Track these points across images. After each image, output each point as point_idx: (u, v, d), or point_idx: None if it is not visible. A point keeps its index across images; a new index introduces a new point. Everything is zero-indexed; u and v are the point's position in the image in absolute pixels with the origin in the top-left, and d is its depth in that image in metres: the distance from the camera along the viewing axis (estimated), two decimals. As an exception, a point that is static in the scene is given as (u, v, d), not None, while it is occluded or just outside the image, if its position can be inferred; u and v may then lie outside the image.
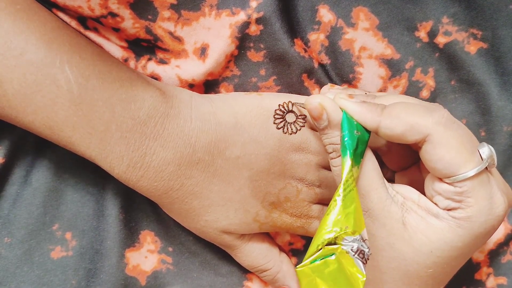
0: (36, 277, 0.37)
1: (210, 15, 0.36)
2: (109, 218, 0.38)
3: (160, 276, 0.39)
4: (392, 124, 0.30)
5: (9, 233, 0.37)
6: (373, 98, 0.34)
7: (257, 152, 0.35)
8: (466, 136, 0.30)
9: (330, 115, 0.32)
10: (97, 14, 0.35)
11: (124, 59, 0.37)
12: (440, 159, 0.30)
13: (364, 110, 0.31)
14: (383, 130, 0.31)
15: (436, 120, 0.30)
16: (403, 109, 0.31)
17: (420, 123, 0.30)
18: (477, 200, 0.30)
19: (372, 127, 0.31)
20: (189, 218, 0.36)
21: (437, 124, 0.30)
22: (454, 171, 0.30)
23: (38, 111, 0.32)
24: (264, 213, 0.36)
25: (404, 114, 0.30)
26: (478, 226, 0.30)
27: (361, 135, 0.31)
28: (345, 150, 0.30)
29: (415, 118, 0.30)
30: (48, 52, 0.32)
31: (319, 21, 0.37)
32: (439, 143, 0.30)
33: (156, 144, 0.34)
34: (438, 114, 0.30)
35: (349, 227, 0.28)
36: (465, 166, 0.30)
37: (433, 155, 0.30)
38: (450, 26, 0.37)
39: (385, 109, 0.31)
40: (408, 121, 0.30)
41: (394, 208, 0.31)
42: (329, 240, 0.28)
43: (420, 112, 0.30)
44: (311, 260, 0.28)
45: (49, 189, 0.38)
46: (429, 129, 0.30)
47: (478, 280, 0.40)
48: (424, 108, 0.31)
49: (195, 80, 0.37)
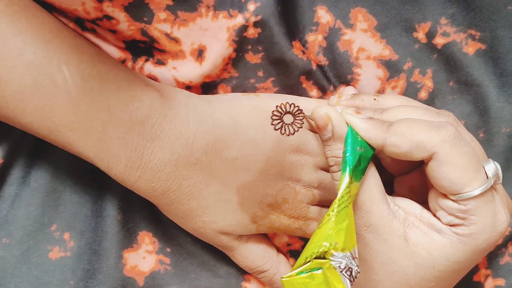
0: (34, 278, 0.37)
1: (207, 16, 0.36)
2: (107, 219, 0.38)
3: (158, 277, 0.39)
4: (397, 142, 0.30)
5: (7, 233, 0.37)
6: (381, 113, 0.33)
7: (255, 153, 0.35)
8: (471, 153, 0.30)
9: (334, 127, 0.32)
10: (93, 16, 0.35)
11: (122, 60, 0.37)
12: (445, 177, 0.30)
13: (370, 127, 0.31)
14: (389, 148, 0.31)
15: (442, 138, 0.30)
16: (409, 126, 0.30)
17: (426, 141, 0.30)
18: (481, 218, 0.30)
19: (377, 145, 0.31)
20: (187, 219, 0.36)
21: (443, 142, 0.30)
22: (459, 189, 0.30)
23: (36, 112, 0.32)
24: (261, 214, 0.36)
25: (410, 132, 0.30)
26: (481, 243, 0.30)
27: (364, 151, 0.31)
28: (345, 166, 0.30)
29: (421, 136, 0.30)
30: (46, 53, 0.32)
31: (317, 22, 0.37)
32: (445, 161, 0.30)
33: (153, 144, 0.34)
34: (444, 132, 0.30)
35: (339, 243, 0.28)
36: (470, 184, 0.29)
37: (439, 173, 0.30)
38: (448, 27, 0.37)
39: (391, 126, 0.31)
40: (414, 139, 0.30)
41: (396, 224, 0.31)
42: (318, 254, 0.28)
43: (426, 129, 0.30)
44: (297, 272, 0.28)
45: (48, 189, 0.38)
46: (435, 148, 0.30)
47: (477, 282, 0.39)
48: (430, 125, 0.30)
49: (192, 82, 0.37)
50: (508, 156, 0.39)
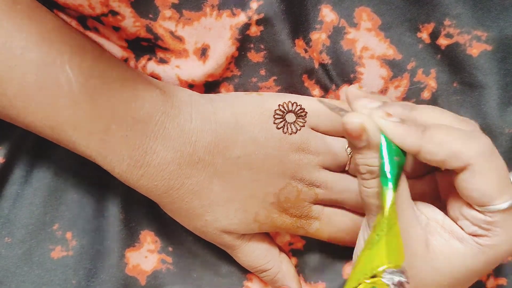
0: (36, 277, 0.37)
1: (212, 15, 0.36)
2: (109, 218, 0.38)
3: (160, 276, 0.39)
4: (435, 150, 0.29)
5: (9, 233, 0.37)
6: (410, 110, 0.32)
7: (257, 152, 0.35)
8: (503, 167, 0.30)
9: (371, 137, 0.29)
10: (98, 12, 0.35)
11: (124, 59, 0.37)
12: (477, 189, 0.29)
13: (405, 133, 0.29)
14: (424, 155, 0.30)
15: (479, 150, 0.29)
16: (446, 135, 0.30)
17: (464, 152, 0.29)
18: (505, 230, 0.30)
19: (412, 151, 0.30)
20: (189, 218, 0.36)
21: (480, 154, 0.29)
22: (489, 201, 0.29)
23: (39, 110, 0.32)
24: (264, 213, 0.36)
25: (447, 141, 0.29)
26: (501, 254, 0.30)
27: (399, 160, 0.29)
28: (387, 180, 0.28)
29: (459, 146, 0.29)
30: (49, 52, 0.32)
31: (321, 21, 0.37)
32: (479, 173, 0.29)
33: (156, 143, 0.34)
34: (480, 143, 0.29)
35: (391, 261, 0.27)
36: (499, 197, 0.29)
37: (471, 183, 0.29)
38: (452, 28, 0.37)
39: (426, 132, 0.30)
40: (451, 148, 0.29)
41: (419, 230, 0.31)
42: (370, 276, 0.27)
43: (463, 139, 0.30)
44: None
45: (50, 189, 0.38)
46: (471, 159, 0.29)
47: (478, 281, 0.39)
48: (466, 136, 0.30)
49: (195, 81, 0.37)
50: (511, 156, 0.39)
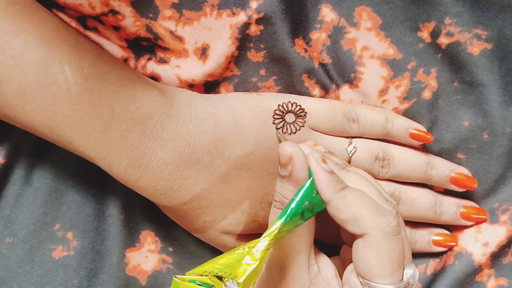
0: (38, 277, 0.37)
1: (212, 15, 0.36)
2: (110, 218, 0.38)
3: (160, 276, 0.39)
4: (341, 207, 0.30)
5: (10, 233, 0.37)
6: (341, 169, 0.34)
7: (256, 152, 0.35)
8: (398, 252, 0.30)
9: (294, 170, 0.31)
10: (98, 12, 0.35)
11: (124, 59, 0.37)
12: (364, 259, 0.30)
13: (325, 181, 0.31)
14: (331, 209, 0.31)
15: (379, 225, 0.30)
16: (358, 199, 0.31)
17: (365, 220, 0.30)
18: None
19: (324, 200, 0.31)
20: (188, 219, 0.36)
21: (378, 229, 0.30)
22: (371, 277, 0.30)
23: (38, 110, 0.32)
24: (263, 213, 0.36)
25: (355, 204, 0.30)
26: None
27: (311, 207, 0.30)
28: (283, 214, 0.30)
29: (363, 214, 0.30)
30: (48, 52, 0.32)
31: (321, 20, 0.37)
32: (371, 246, 0.30)
33: (155, 144, 0.34)
34: (384, 221, 0.30)
35: (238, 277, 0.28)
36: (381, 278, 0.30)
37: (361, 253, 0.30)
38: (453, 27, 0.37)
39: (343, 190, 0.31)
40: (356, 212, 0.30)
41: (305, 277, 0.32)
42: (217, 274, 0.28)
43: (370, 209, 0.30)
44: (190, 279, 0.28)
45: (50, 189, 0.38)
46: (368, 230, 0.30)
47: (479, 282, 0.39)
48: (376, 209, 0.30)
49: (195, 81, 0.37)
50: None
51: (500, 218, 0.40)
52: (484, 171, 0.39)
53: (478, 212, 0.39)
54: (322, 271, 0.33)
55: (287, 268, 0.32)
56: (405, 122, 0.38)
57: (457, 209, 0.39)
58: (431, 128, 0.39)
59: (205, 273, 0.29)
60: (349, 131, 0.38)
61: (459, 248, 0.40)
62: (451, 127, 0.39)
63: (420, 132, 0.38)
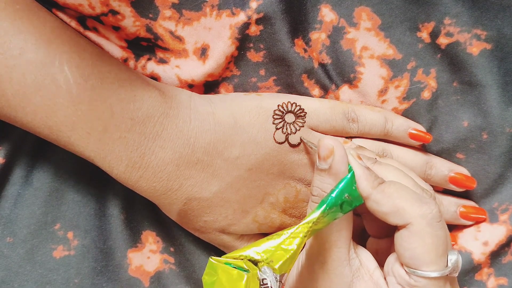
0: (39, 276, 0.37)
1: (211, 15, 0.36)
2: (111, 218, 0.38)
3: (163, 277, 0.39)
4: (381, 200, 0.31)
5: (11, 232, 0.37)
6: (374, 163, 0.34)
7: (256, 152, 0.35)
8: (442, 238, 0.30)
9: (335, 163, 0.31)
10: (98, 12, 0.35)
11: (124, 59, 0.37)
12: (410, 249, 0.30)
13: (363, 176, 0.31)
14: (371, 203, 0.31)
15: (422, 213, 0.30)
16: (397, 190, 0.31)
17: (407, 210, 0.30)
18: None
19: (363, 195, 0.31)
20: (188, 219, 0.36)
21: (422, 218, 0.30)
22: (418, 265, 0.30)
23: (37, 111, 0.32)
24: (263, 213, 0.36)
25: (396, 196, 0.31)
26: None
27: (350, 200, 0.31)
28: (323, 204, 0.30)
29: (404, 204, 0.30)
30: (47, 52, 0.32)
31: (321, 21, 0.37)
32: (416, 235, 0.30)
33: (155, 144, 0.34)
34: (426, 208, 0.30)
35: (274, 262, 0.28)
36: (428, 265, 0.30)
37: (406, 242, 0.30)
38: (452, 27, 0.37)
39: (382, 184, 0.31)
40: (396, 204, 0.30)
41: (347, 271, 0.32)
42: (253, 258, 0.28)
43: (411, 199, 0.31)
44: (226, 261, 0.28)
45: (50, 189, 0.38)
46: (412, 219, 0.30)
47: (479, 281, 0.39)
48: (417, 198, 0.31)
49: (195, 81, 0.37)
50: (511, 156, 0.39)
51: (500, 217, 0.40)
52: (484, 171, 0.39)
53: (478, 212, 0.40)
54: (364, 264, 0.32)
55: (329, 264, 0.32)
56: (404, 122, 0.38)
57: (456, 209, 0.39)
58: (430, 128, 0.39)
59: (241, 256, 0.29)
60: (349, 131, 0.38)
61: (458, 247, 0.40)
62: (450, 127, 0.39)
63: (420, 132, 0.38)
